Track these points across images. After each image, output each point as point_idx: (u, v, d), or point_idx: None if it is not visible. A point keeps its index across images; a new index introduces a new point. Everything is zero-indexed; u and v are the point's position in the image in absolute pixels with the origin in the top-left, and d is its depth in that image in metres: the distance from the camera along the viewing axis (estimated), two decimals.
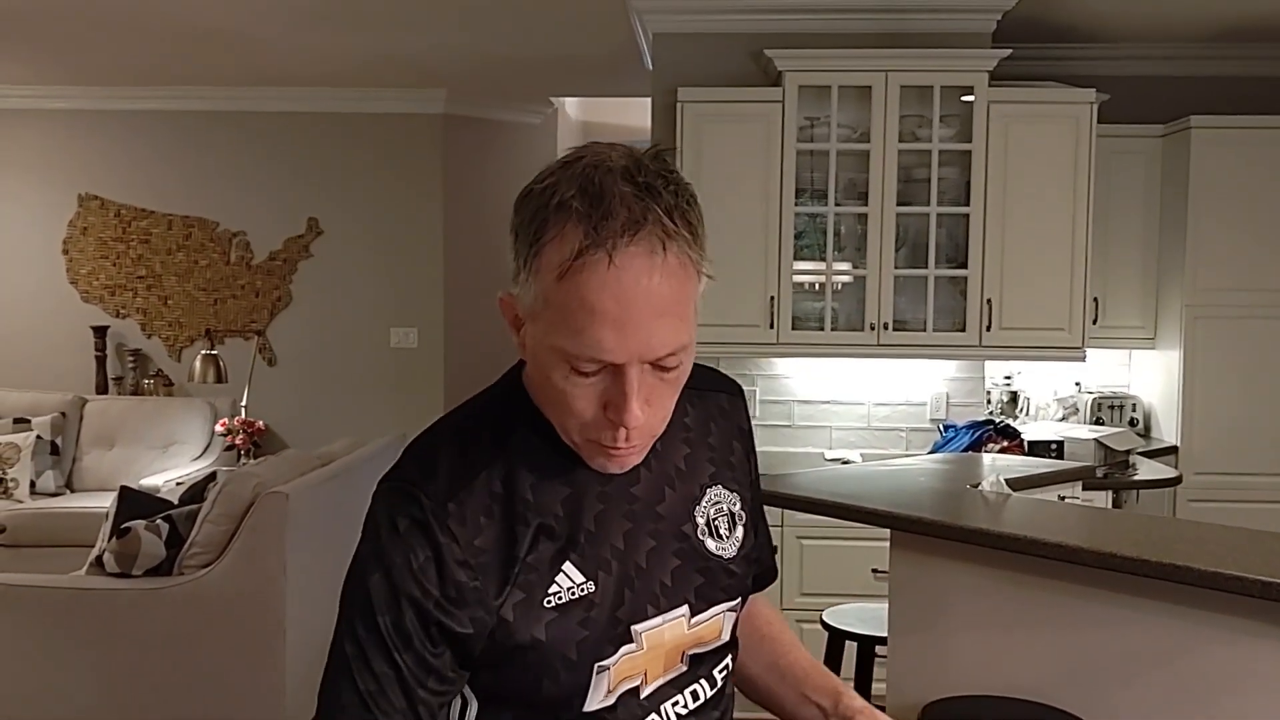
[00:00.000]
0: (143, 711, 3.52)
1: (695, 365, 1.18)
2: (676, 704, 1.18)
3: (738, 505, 1.28)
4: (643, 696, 1.15)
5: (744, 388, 1.39)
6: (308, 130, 6.56)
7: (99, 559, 3.63)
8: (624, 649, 1.13)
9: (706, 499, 1.25)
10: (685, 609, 1.18)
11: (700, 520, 1.23)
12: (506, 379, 1.21)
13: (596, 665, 1.11)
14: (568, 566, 1.11)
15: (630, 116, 7.06)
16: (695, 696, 1.20)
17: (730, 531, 1.25)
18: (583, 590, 1.11)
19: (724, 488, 1.27)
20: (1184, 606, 2.12)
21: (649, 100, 4.65)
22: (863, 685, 3.07)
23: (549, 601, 1.10)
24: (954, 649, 2.50)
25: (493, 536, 1.09)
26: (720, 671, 1.24)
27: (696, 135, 4.22)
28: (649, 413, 1.07)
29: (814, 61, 4.21)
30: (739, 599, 1.25)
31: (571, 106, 7.68)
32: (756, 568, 1.33)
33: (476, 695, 1.14)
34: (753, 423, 1.39)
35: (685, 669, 1.19)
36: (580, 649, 1.10)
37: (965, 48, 4.30)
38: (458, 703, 1.15)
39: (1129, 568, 2.06)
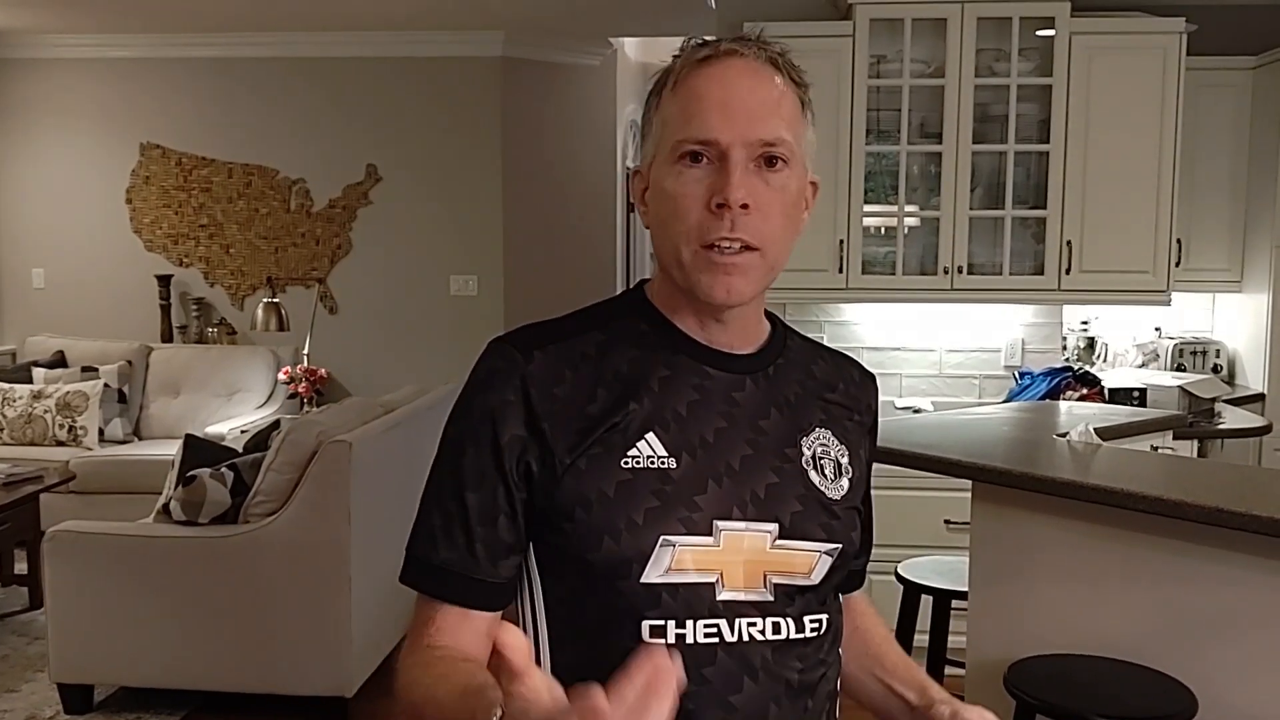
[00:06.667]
0: (208, 657, 3.55)
1: (837, 352, 1.32)
2: (754, 625, 1.12)
3: (845, 458, 1.24)
4: (718, 598, 1.11)
5: (811, 334, 1.35)
6: (365, 76, 6.48)
7: (165, 507, 3.65)
8: (699, 538, 1.11)
9: (815, 435, 1.22)
10: (774, 526, 1.14)
11: (807, 451, 1.20)
12: (626, 291, 1.27)
13: (662, 537, 1.10)
14: (650, 437, 1.13)
15: None
16: (776, 630, 1.14)
17: (836, 477, 1.21)
18: (662, 463, 1.12)
19: (834, 435, 1.23)
20: None
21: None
22: (938, 640, 2.99)
23: (625, 463, 1.11)
24: (1039, 605, 2.41)
25: (573, 388, 1.13)
26: (811, 620, 1.17)
27: None
28: (755, 213, 1.11)
29: None
30: (839, 548, 1.18)
31: (631, 47, 7.52)
32: (854, 563, 1.27)
33: (537, 562, 1.16)
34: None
35: (771, 597, 1.14)
36: (648, 516, 1.10)
37: None
38: (524, 581, 1.17)
39: (1234, 523, 1.95)
